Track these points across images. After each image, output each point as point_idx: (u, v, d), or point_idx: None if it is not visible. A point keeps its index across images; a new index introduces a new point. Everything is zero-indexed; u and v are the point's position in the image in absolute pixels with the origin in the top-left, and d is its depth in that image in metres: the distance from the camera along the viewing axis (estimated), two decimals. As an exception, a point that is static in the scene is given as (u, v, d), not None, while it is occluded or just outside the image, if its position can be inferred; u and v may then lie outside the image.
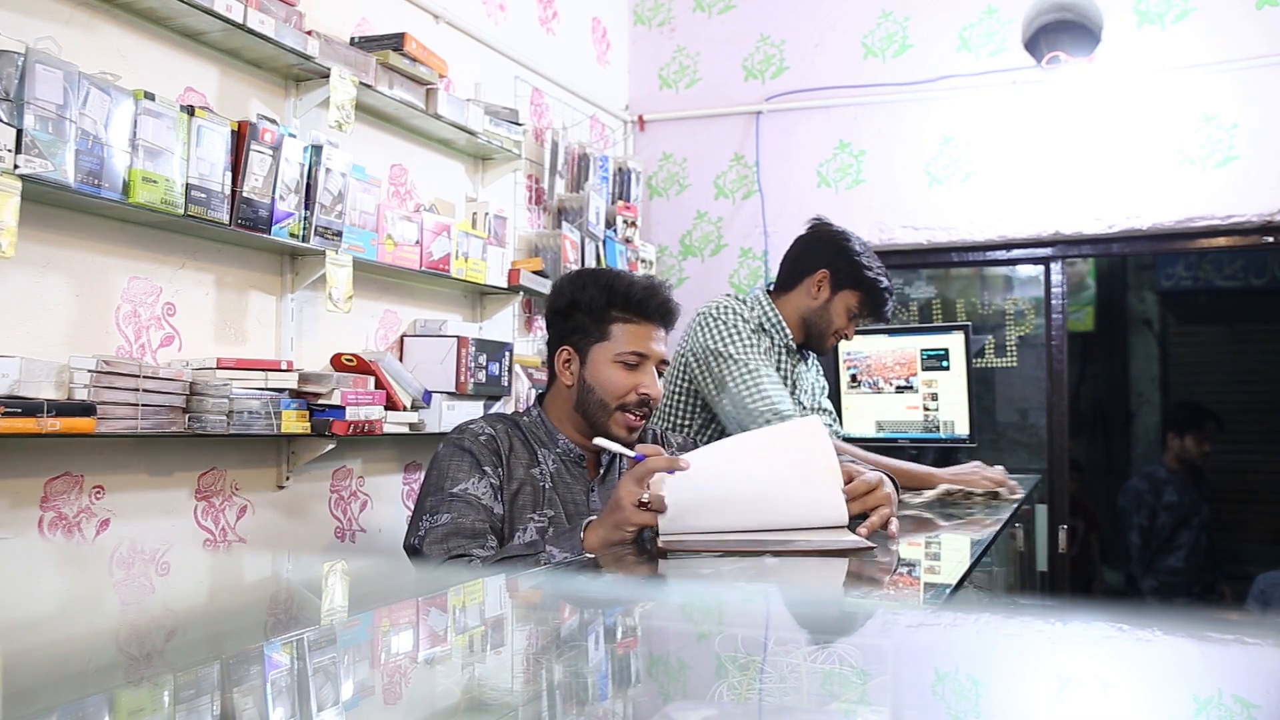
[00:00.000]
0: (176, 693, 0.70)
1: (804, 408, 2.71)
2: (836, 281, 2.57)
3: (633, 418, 1.88)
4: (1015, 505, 2.42)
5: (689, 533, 1.49)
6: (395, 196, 2.90)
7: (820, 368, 2.91)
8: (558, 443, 1.92)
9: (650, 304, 1.90)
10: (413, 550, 1.78)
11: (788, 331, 2.58)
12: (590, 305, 1.89)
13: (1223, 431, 5.05)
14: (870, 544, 1.46)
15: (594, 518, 1.64)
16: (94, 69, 1.96)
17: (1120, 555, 5.22)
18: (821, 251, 2.60)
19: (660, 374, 1.93)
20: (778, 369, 2.57)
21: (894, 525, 1.55)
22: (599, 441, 1.71)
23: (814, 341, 2.63)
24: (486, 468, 1.81)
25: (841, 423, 3.52)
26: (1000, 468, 2.47)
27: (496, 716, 0.68)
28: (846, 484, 1.54)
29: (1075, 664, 0.77)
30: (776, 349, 2.57)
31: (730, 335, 2.48)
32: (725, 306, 2.55)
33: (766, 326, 2.57)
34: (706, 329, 2.50)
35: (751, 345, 2.48)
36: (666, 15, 4.28)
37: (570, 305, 1.91)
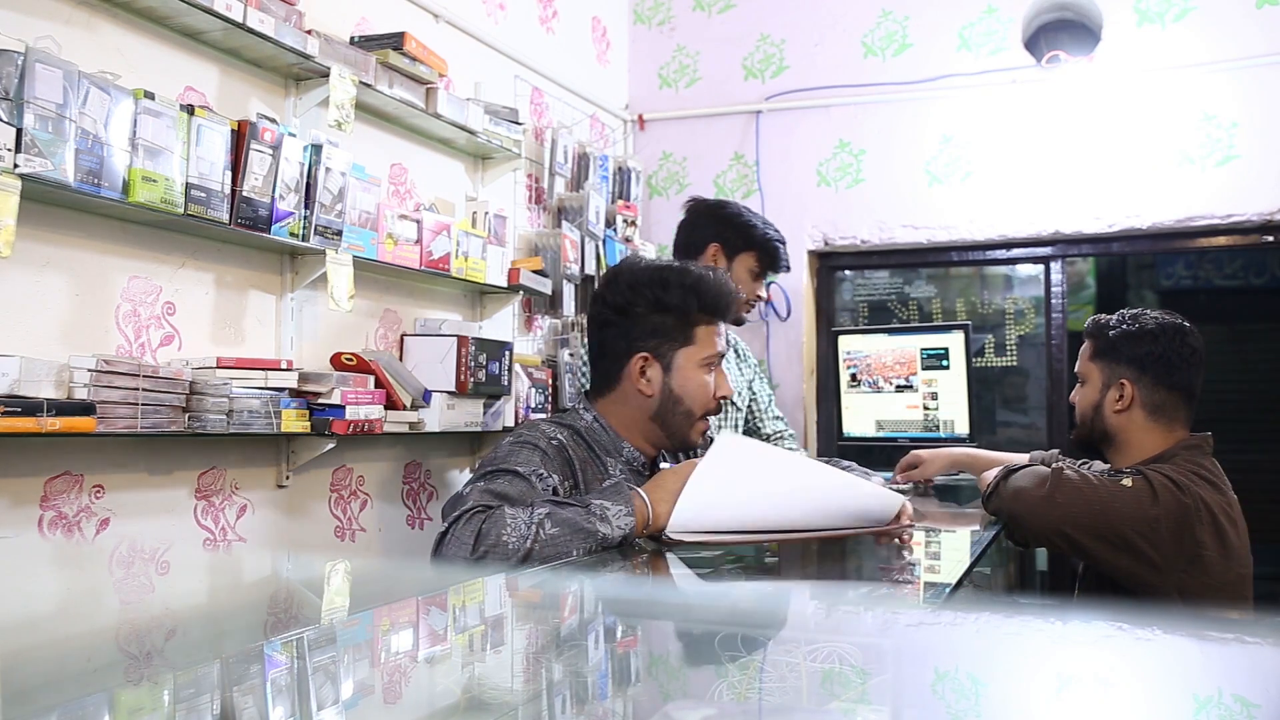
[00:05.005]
0: (176, 692, 0.70)
1: (733, 405, 2.71)
2: (729, 249, 2.60)
3: (708, 423, 1.81)
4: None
5: (713, 529, 1.49)
6: (395, 196, 2.90)
7: (762, 375, 2.91)
8: (622, 451, 1.79)
9: (731, 305, 1.82)
10: (452, 508, 1.59)
11: None
12: (678, 307, 1.76)
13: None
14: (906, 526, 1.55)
15: (645, 489, 1.57)
16: (94, 68, 1.96)
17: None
18: (705, 227, 2.63)
19: None
20: None
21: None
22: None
23: None
24: (554, 472, 1.67)
25: (842, 423, 3.51)
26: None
27: (497, 716, 0.68)
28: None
29: (1075, 663, 0.76)
30: None
31: None
32: None
33: None
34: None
35: None
36: (666, 14, 4.28)
37: (651, 306, 1.77)
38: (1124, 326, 2.17)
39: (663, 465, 1.79)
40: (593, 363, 1.85)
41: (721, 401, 1.80)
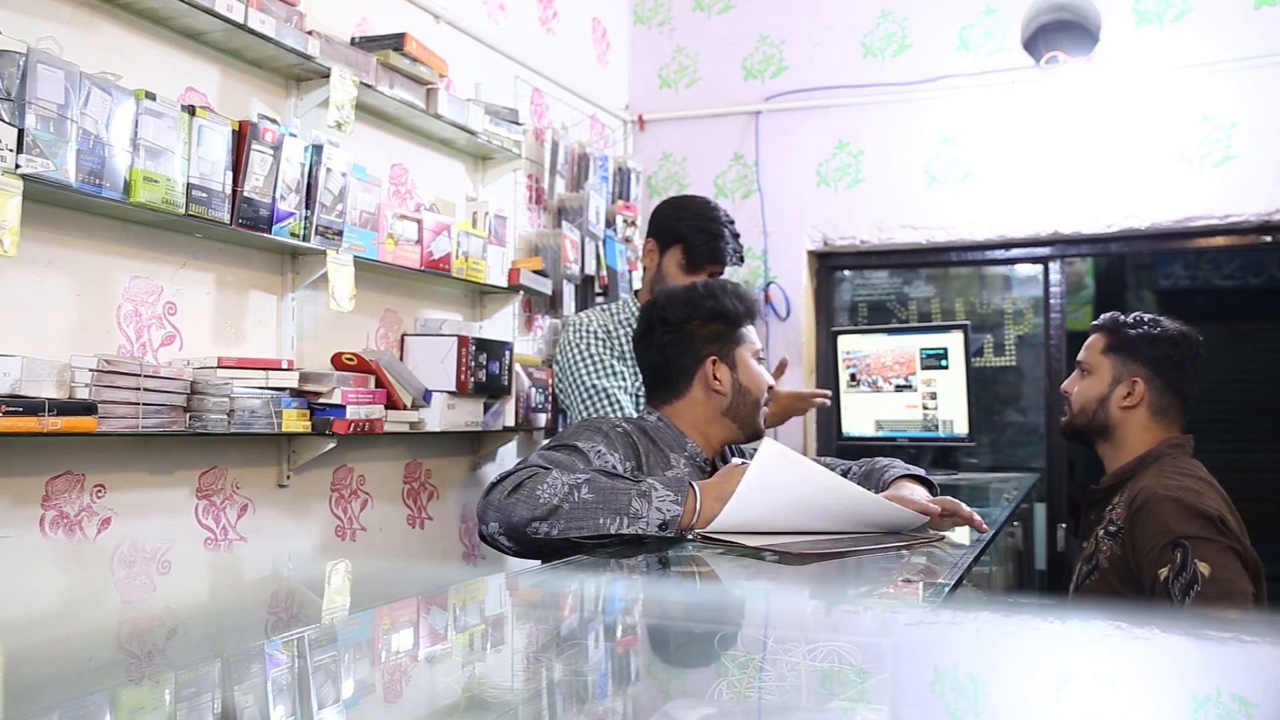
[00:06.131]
0: (178, 691, 0.71)
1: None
2: (662, 244, 2.65)
3: (766, 410, 1.99)
4: (1013, 505, 2.44)
5: (748, 530, 1.50)
6: (396, 196, 2.90)
7: None
8: (685, 448, 1.93)
9: (759, 307, 2.09)
10: (503, 478, 1.60)
11: None
12: (730, 313, 1.98)
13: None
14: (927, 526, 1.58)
15: (702, 485, 1.56)
16: (95, 69, 1.96)
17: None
18: (651, 226, 2.70)
19: None
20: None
21: (976, 517, 1.64)
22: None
23: None
24: (615, 452, 1.77)
25: (841, 422, 3.52)
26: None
27: (496, 715, 0.68)
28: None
29: (1074, 662, 0.77)
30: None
31: (571, 358, 2.59)
32: (575, 324, 2.65)
33: (629, 326, 2.63)
34: (560, 348, 2.64)
35: (590, 365, 2.57)
36: (666, 15, 4.28)
37: (708, 316, 1.98)
38: (1145, 328, 2.21)
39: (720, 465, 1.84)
40: (656, 378, 2.00)
41: (771, 387, 1.98)
